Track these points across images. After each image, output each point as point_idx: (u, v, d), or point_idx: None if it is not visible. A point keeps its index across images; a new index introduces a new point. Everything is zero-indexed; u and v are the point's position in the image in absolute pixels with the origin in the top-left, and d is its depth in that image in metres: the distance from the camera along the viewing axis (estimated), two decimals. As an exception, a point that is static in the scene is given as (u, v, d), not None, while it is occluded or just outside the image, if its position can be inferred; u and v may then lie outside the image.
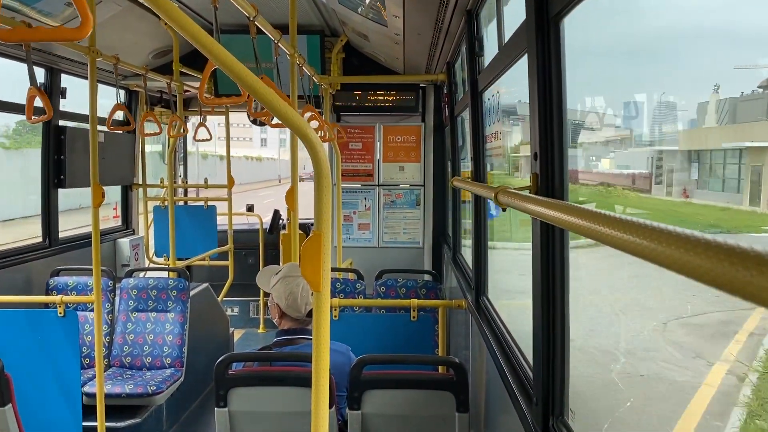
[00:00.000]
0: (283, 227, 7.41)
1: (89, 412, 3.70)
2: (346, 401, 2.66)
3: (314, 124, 4.41)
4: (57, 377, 3.58)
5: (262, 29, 3.35)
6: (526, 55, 2.01)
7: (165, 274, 5.28)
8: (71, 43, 3.87)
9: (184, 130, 5.75)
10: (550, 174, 1.79)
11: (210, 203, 6.99)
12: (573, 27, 1.77)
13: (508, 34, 2.65)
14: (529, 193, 1.82)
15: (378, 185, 6.89)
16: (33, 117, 3.47)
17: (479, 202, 3.63)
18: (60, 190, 5.19)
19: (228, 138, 7.04)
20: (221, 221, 7.14)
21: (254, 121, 7.05)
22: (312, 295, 2.67)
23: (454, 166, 5.61)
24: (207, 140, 6.59)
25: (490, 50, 3.34)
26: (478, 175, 3.60)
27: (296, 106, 3.88)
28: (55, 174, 5.12)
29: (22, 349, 3.58)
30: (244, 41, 3.30)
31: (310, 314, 2.74)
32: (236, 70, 1.25)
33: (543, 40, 1.81)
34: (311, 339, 2.73)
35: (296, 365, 2.56)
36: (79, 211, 10.09)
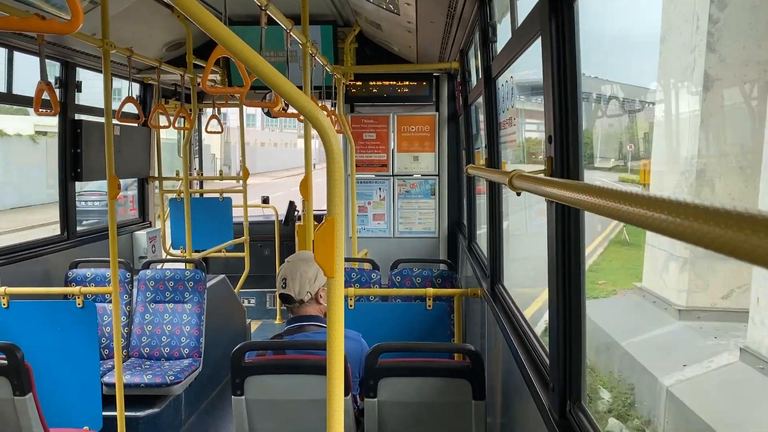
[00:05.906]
0: (299, 218, 7.42)
1: (108, 401, 3.75)
2: (359, 387, 2.67)
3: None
4: (76, 367, 3.62)
5: (274, 18, 3.34)
6: (539, 39, 1.98)
7: (182, 265, 5.32)
8: (85, 35, 3.89)
9: (189, 123, 5.77)
10: (565, 157, 1.77)
11: (225, 195, 7.02)
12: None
13: (520, 19, 2.62)
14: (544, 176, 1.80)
15: (392, 175, 6.87)
16: (40, 110, 3.50)
17: (494, 189, 3.61)
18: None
19: (242, 128, 7.06)
20: (237, 213, 7.17)
21: (267, 113, 7.06)
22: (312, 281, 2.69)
23: (468, 155, 5.57)
24: (219, 132, 6.62)
25: (503, 36, 3.32)
26: (493, 161, 3.57)
27: (310, 95, 3.87)
28: (72, 167, 5.17)
29: (42, 339, 3.63)
30: (255, 33, 3.28)
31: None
32: (246, 55, 1.24)
33: (557, 23, 1.78)
34: (323, 326, 2.74)
35: (311, 353, 2.57)
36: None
